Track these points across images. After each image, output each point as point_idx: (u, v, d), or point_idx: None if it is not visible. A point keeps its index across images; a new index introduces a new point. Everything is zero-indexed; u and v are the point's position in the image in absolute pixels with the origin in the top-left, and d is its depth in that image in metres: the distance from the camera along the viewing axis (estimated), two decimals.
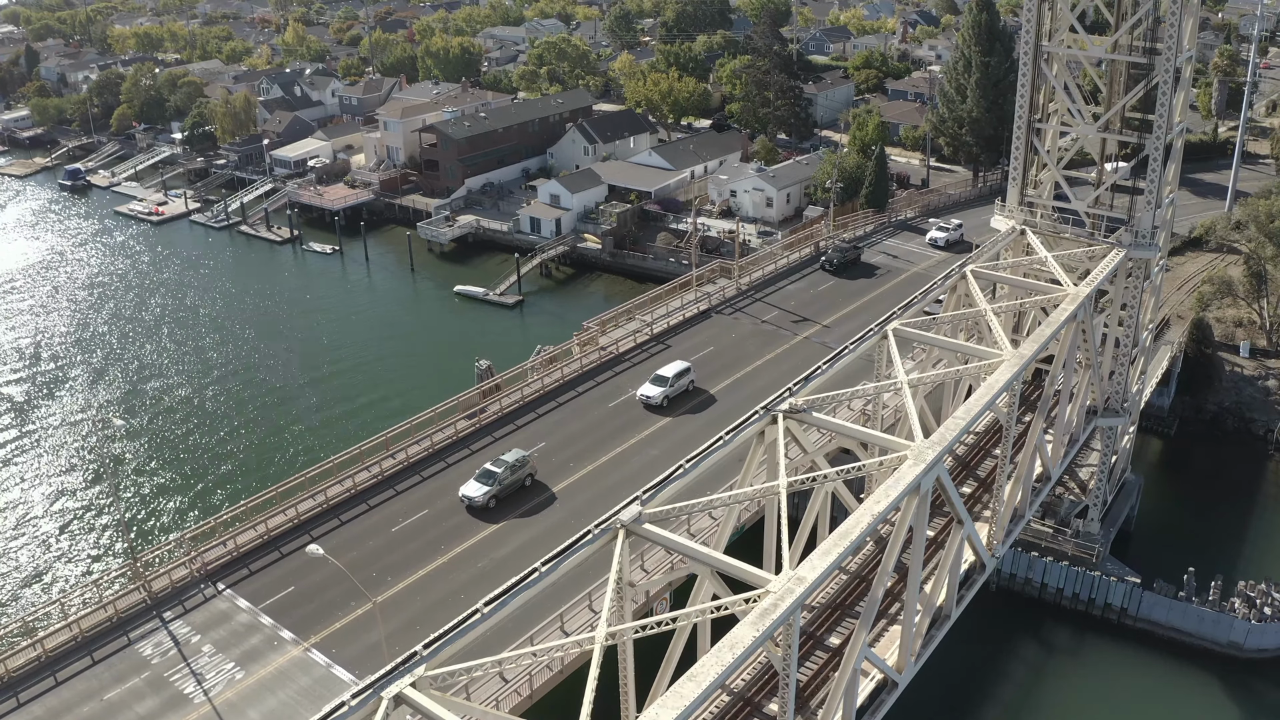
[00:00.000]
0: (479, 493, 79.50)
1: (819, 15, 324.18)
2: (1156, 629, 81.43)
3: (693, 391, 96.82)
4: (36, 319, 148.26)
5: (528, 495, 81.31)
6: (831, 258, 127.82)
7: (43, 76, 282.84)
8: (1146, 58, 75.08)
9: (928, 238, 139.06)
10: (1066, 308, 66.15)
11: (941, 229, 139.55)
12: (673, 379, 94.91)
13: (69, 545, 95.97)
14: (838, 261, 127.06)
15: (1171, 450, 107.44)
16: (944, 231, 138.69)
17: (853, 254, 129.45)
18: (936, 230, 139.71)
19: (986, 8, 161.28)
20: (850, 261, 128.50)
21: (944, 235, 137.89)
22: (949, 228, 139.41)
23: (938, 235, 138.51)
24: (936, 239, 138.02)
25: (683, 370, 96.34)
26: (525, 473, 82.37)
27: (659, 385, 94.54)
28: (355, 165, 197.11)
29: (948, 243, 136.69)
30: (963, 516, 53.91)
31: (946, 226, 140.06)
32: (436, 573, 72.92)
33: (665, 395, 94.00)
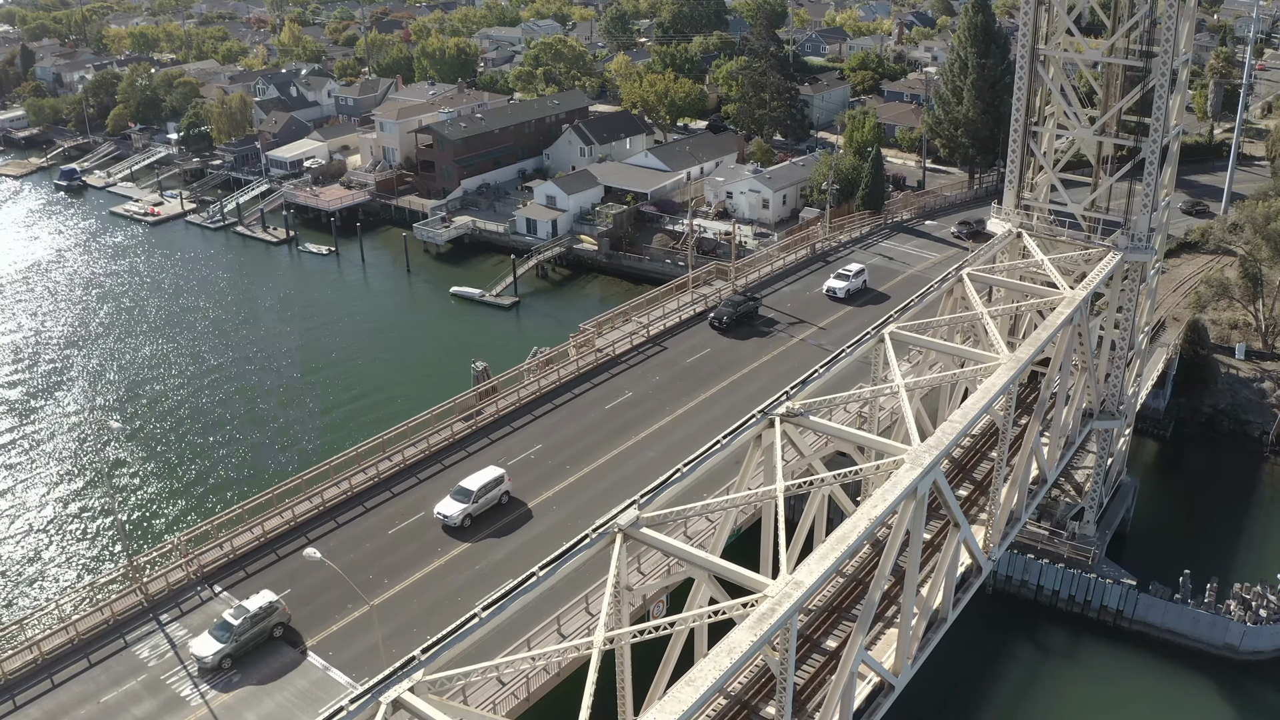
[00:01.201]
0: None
1: (815, 16, 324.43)
2: (1152, 631, 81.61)
3: (690, 391, 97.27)
4: (32, 320, 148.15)
5: (525, 497, 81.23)
6: (722, 313, 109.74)
7: (38, 76, 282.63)
8: (1143, 61, 75.21)
9: (825, 288, 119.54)
10: (1063, 311, 66.27)
11: (841, 277, 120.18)
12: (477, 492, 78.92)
13: (65, 547, 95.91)
14: (728, 319, 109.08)
15: (1167, 452, 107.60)
16: (844, 280, 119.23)
17: (747, 307, 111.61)
18: (835, 279, 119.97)
19: (982, 9, 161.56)
20: (746, 315, 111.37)
21: (843, 285, 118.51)
22: (849, 275, 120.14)
23: (836, 285, 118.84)
24: (835, 290, 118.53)
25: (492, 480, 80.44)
26: None
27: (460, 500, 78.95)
28: (351, 166, 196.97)
29: (848, 293, 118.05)
30: (959, 520, 54.01)
31: (846, 274, 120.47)
32: (434, 575, 72.89)
33: (467, 513, 77.78)
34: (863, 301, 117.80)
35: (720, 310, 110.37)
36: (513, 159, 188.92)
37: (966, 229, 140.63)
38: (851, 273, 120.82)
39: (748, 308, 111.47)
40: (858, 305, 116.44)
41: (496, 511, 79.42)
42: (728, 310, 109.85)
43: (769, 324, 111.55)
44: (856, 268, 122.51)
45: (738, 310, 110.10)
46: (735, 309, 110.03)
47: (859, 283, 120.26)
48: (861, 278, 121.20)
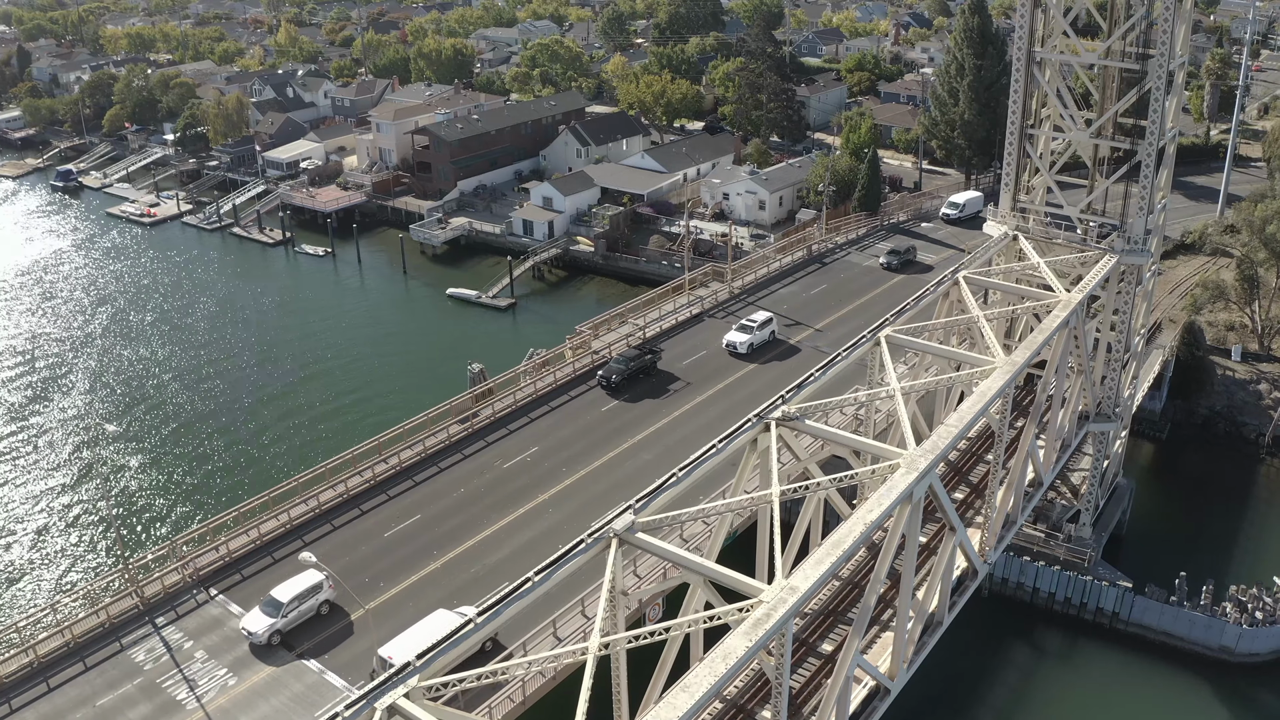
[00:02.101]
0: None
1: (812, 17, 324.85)
2: (1148, 633, 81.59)
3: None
4: (28, 321, 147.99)
5: (521, 500, 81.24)
6: (612, 370, 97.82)
7: (34, 77, 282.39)
8: (1139, 63, 75.21)
9: (724, 342, 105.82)
10: (1059, 314, 66.28)
11: (743, 329, 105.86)
12: None
13: (61, 550, 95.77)
14: (617, 377, 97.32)
15: (1163, 454, 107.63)
16: (745, 333, 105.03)
17: (640, 364, 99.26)
18: (735, 332, 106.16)
19: (978, 11, 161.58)
20: (642, 370, 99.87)
21: (744, 339, 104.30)
22: (752, 326, 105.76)
23: (736, 339, 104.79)
24: (734, 344, 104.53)
25: None
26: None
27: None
28: (348, 167, 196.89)
29: (750, 348, 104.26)
30: (955, 524, 54.01)
31: (750, 325, 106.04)
32: (429, 578, 72.82)
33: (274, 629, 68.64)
34: (768, 357, 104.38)
35: (610, 368, 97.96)
36: (509, 160, 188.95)
37: (896, 259, 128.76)
38: (756, 324, 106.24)
39: (642, 363, 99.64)
40: (761, 362, 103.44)
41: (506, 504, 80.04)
42: (618, 367, 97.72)
43: (669, 380, 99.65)
44: (763, 317, 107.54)
45: (630, 366, 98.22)
46: (628, 365, 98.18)
47: (765, 335, 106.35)
48: (768, 329, 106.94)
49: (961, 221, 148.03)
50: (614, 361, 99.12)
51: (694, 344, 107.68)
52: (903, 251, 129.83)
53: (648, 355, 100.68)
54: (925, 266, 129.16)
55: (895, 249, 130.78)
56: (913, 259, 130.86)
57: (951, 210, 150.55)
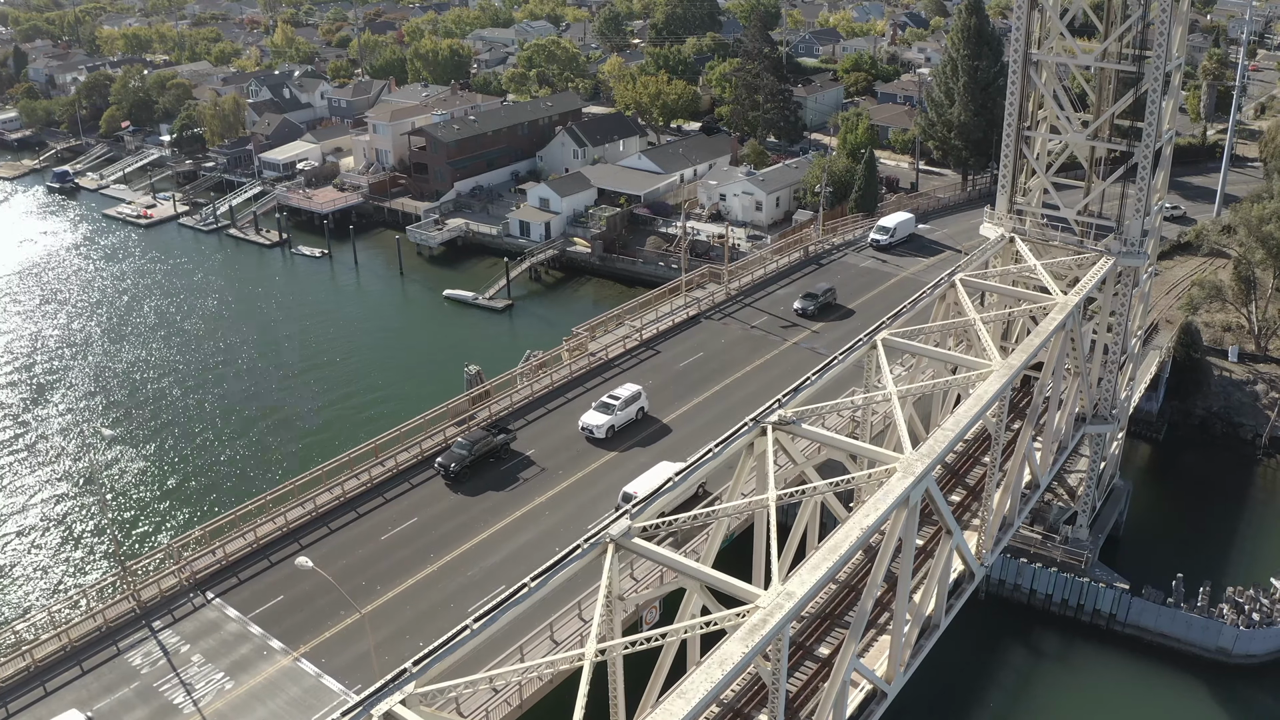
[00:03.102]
0: None
1: (808, 17, 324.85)
2: (1145, 635, 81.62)
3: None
4: (24, 323, 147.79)
5: (650, 422, 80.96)
6: (450, 459, 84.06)
7: (31, 78, 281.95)
8: (1136, 65, 75.19)
9: (580, 424, 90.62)
10: (1055, 317, 66.26)
11: (604, 408, 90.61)
12: None
13: (57, 553, 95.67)
14: (457, 466, 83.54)
15: (1160, 455, 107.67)
16: (605, 414, 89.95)
17: (485, 447, 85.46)
18: (594, 412, 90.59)
19: (975, 11, 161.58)
20: (491, 454, 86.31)
21: (604, 422, 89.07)
22: (614, 405, 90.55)
23: (593, 423, 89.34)
24: (591, 428, 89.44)
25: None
26: None
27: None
28: (344, 168, 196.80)
29: (611, 431, 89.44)
30: (951, 527, 53.99)
31: (612, 403, 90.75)
32: (426, 581, 72.84)
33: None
34: (629, 444, 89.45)
35: (451, 454, 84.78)
36: (506, 161, 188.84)
37: (811, 304, 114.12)
38: (619, 401, 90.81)
39: (486, 446, 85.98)
40: (621, 449, 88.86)
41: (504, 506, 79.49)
42: (460, 453, 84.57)
43: (523, 466, 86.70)
44: (628, 392, 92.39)
45: (473, 451, 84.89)
46: (470, 450, 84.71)
47: (630, 414, 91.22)
48: (635, 406, 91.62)
49: (892, 248, 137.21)
50: (455, 446, 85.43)
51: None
52: (819, 294, 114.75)
53: (498, 436, 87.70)
54: (845, 311, 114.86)
55: (811, 292, 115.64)
56: (832, 301, 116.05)
57: (881, 235, 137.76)
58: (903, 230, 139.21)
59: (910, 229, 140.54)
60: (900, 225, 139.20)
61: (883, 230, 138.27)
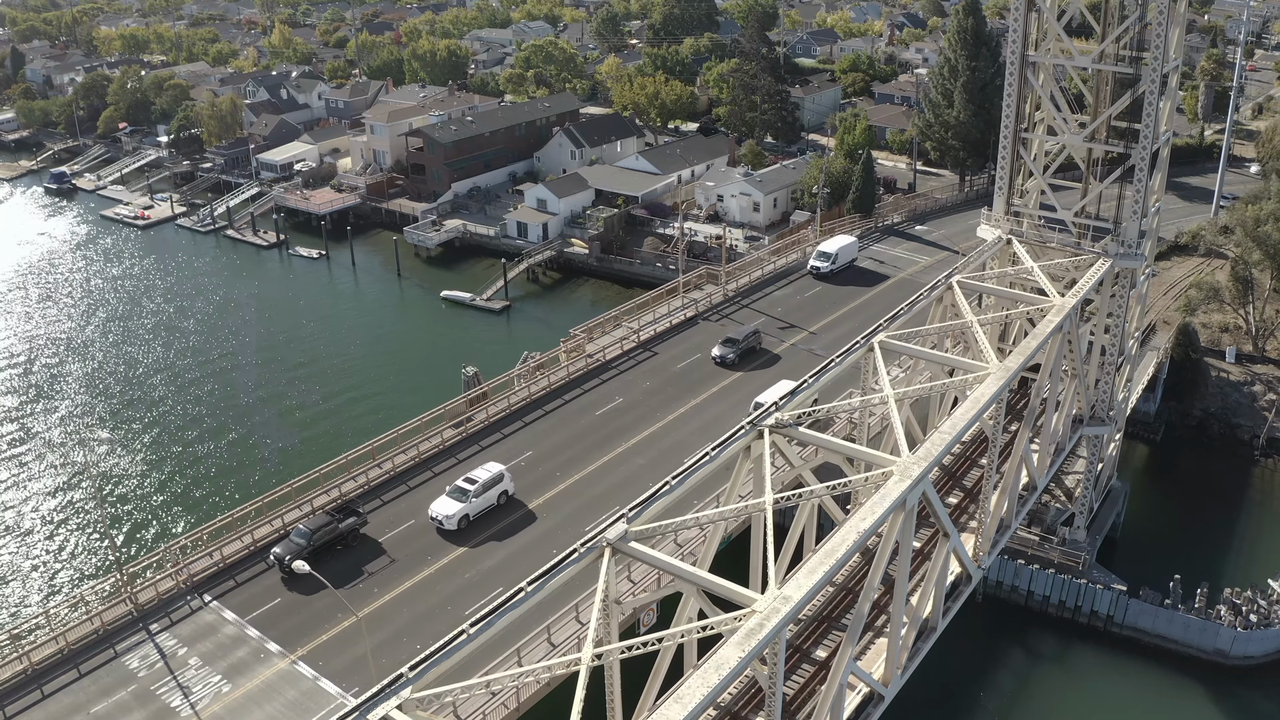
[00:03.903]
0: None
1: (806, 18, 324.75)
2: (1143, 636, 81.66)
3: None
4: (22, 325, 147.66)
5: (515, 506, 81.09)
6: (288, 550, 73.26)
7: (28, 78, 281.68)
8: (1133, 66, 75.23)
9: (430, 512, 78.60)
10: (1053, 319, 66.26)
11: (459, 493, 78.35)
12: None
13: (55, 556, 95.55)
14: (290, 561, 72.13)
15: (1158, 456, 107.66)
16: (459, 501, 77.90)
17: (328, 535, 74.36)
18: (446, 499, 78.54)
19: (972, 12, 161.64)
20: (336, 542, 75.26)
21: (456, 511, 77.31)
22: (468, 491, 78.10)
23: (442, 512, 77.64)
24: (441, 519, 77.57)
25: None
26: None
27: None
28: (342, 169, 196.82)
29: (464, 522, 77.68)
30: (948, 529, 54.00)
31: (467, 489, 78.26)
32: (423, 584, 72.75)
33: None
34: (481, 537, 77.56)
35: (287, 544, 74.10)
36: (503, 162, 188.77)
37: (733, 350, 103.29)
38: (475, 485, 78.80)
39: (328, 534, 75.10)
40: (472, 545, 76.79)
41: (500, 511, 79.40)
42: (297, 543, 73.61)
43: (371, 556, 75.42)
44: (487, 475, 79.86)
45: (312, 541, 73.75)
46: (309, 540, 73.63)
47: (489, 500, 79.53)
48: (496, 491, 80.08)
49: (834, 276, 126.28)
50: (294, 533, 74.74)
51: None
52: (741, 340, 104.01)
53: (345, 521, 76.58)
54: (771, 357, 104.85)
55: (732, 337, 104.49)
56: (756, 346, 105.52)
57: (821, 262, 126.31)
58: (844, 256, 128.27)
59: (853, 254, 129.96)
60: (843, 251, 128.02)
61: (823, 256, 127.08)
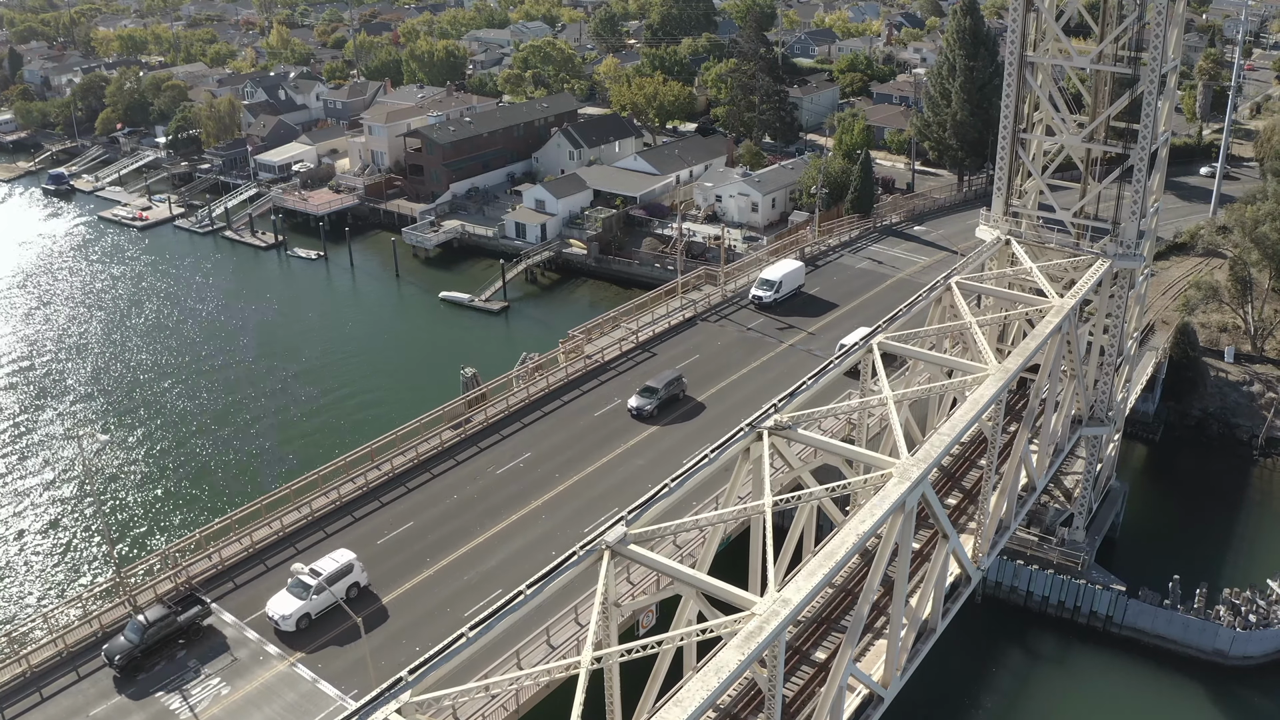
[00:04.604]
0: None
1: (804, 18, 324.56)
2: (1142, 637, 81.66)
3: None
4: (20, 326, 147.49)
5: (514, 506, 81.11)
6: (115, 651, 65.26)
7: (26, 79, 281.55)
8: (1131, 67, 75.22)
9: (268, 610, 69.03)
10: (1052, 320, 66.23)
11: (299, 588, 68.82)
12: None
13: (54, 559, 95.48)
14: (122, 661, 64.96)
15: (1157, 456, 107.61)
16: (299, 598, 68.39)
17: (164, 629, 66.23)
18: (285, 595, 69.11)
19: (970, 12, 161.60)
20: (171, 637, 66.84)
21: (294, 610, 67.78)
22: (309, 586, 68.42)
23: (278, 612, 68.12)
24: (277, 619, 68.07)
25: None
26: None
27: None
28: (340, 170, 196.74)
29: (304, 622, 68.13)
30: (948, 531, 53.99)
31: (308, 582, 68.55)
32: (422, 585, 72.73)
33: None
34: (317, 643, 67.97)
35: (116, 643, 66.00)
36: (501, 163, 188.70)
37: (651, 400, 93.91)
38: (316, 579, 68.73)
39: (165, 628, 66.67)
40: (308, 651, 67.24)
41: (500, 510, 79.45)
42: (129, 640, 65.58)
43: (216, 652, 67.51)
44: (335, 565, 70.32)
45: (145, 638, 65.55)
46: (141, 637, 65.44)
47: (334, 595, 67.88)
48: (347, 582, 70.38)
49: (778, 306, 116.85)
50: (128, 629, 66.45)
51: None
52: (660, 389, 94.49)
53: (186, 613, 68.29)
54: (694, 406, 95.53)
55: (650, 385, 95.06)
56: (678, 395, 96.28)
57: (764, 291, 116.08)
58: (790, 283, 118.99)
59: (799, 281, 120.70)
60: (787, 278, 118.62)
61: (766, 285, 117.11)
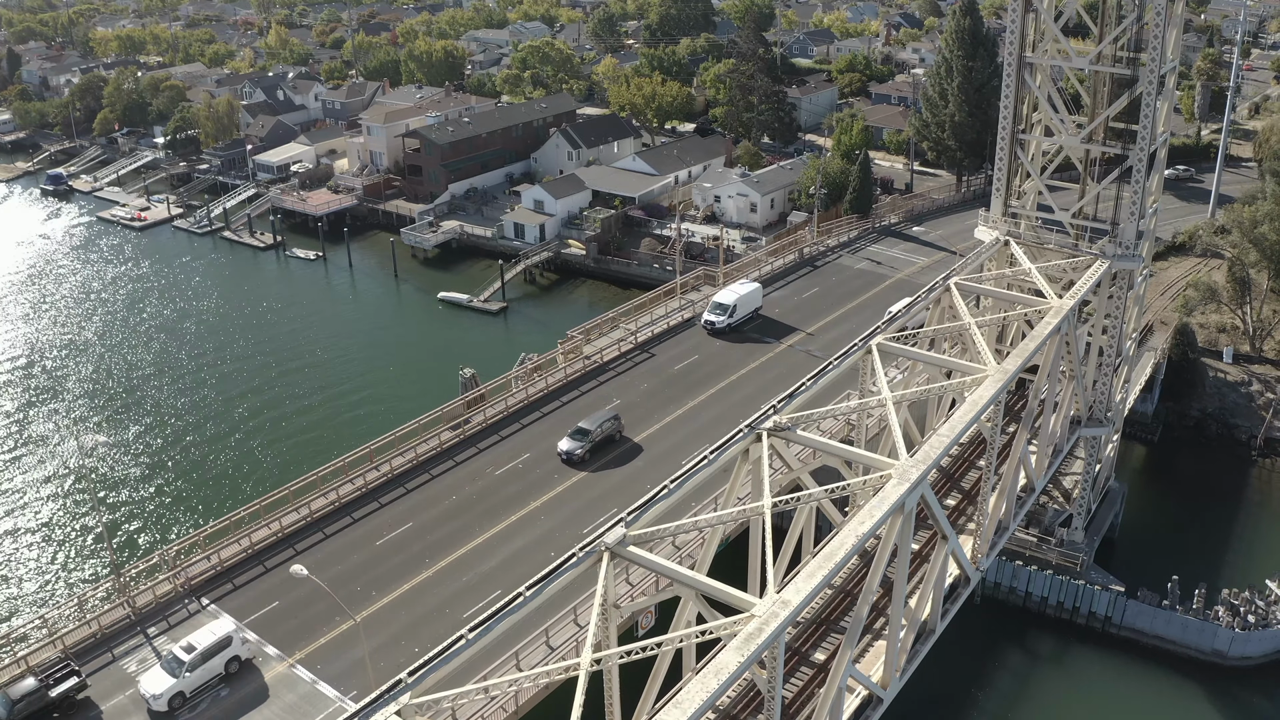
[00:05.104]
0: None
1: (803, 18, 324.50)
2: (1141, 637, 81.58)
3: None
4: (17, 327, 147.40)
5: (513, 507, 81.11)
6: None
7: (24, 80, 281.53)
8: (1130, 68, 75.24)
9: (140, 688, 63.76)
10: (1050, 321, 66.25)
11: (171, 663, 64.20)
12: None
13: (52, 560, 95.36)
14: None
15: (1155, 456, 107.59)
16: (169, 675, 63.47)
17: (35, 705, 61.86)
18: (158, 670, 64.31)
19: (969, 12, 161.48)
20: (44, 710, 62.30)
21: (162, 691, 62.66)
22: (179, 666, 63.45)
23: (151, 691, 62.94)
24: (149, 699, 63.03)
25: None
26: None
27: None
28: (338, 170, 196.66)
29: (176, 703, 63.05)
30: (947, 532, 53.99)
31: (179, 660, 63.74)
32: (422, 586, 72.78)
33: None
34: None
35: None
36: (500, 163, 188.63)
37: (582, 443, 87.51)
38: (190, 656, 63.77)
39: (36, 703, 62.21)
40: None
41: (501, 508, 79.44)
42: None
43: None
44: (207, 642, 64.48)
45: (14, 714, 61.57)
46: (10, 713, 61.51)
47: (209, 672, 64.28)
48: (224, 658, 65.01)
49: (731, 331, 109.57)
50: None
51: None
52: (593, 429, 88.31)
53: (58, 688, 63.17)
54: (629, 448, 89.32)
55: (582, 427, 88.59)
56: (615, 434, 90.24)
57: (717, 316, 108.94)
58: (745, 306, 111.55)
59: (756, 303, 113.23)
60: (743, 300, 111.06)
61: (719, 309, 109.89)
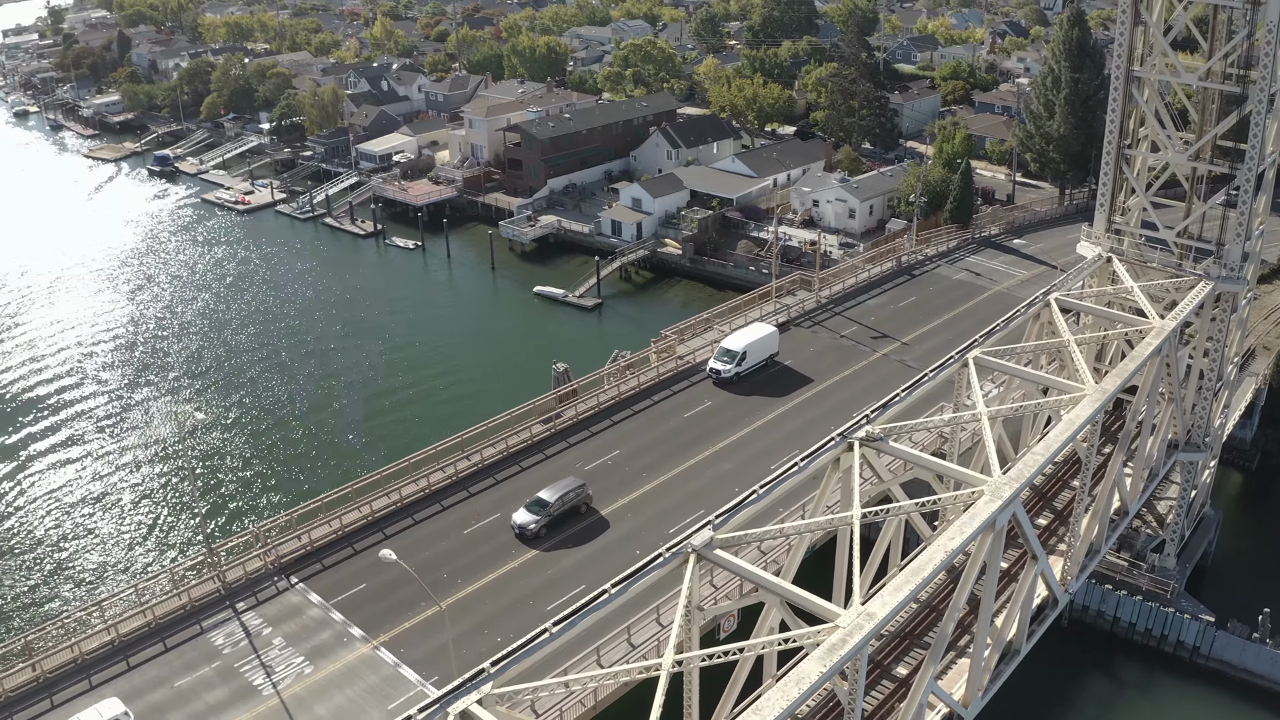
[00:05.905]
0: None
1: (906, 24, 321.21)
2: (1229, 670, 79.78)
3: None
4: (126, 304, 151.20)
5: (600, 504, 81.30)
6: None
7: (134, 63, 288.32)
8: (1240, 85, 73.57)
9: None
10: (1151, 342, 65.13)
11: None
12: None
13: (148, 532, 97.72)
14: None
15: (1253, 484, 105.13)
16: None
17: None
18: None
19: (1077, 23, 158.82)
20: None
21: None
22: None
23: None
24: None
25: None
26: None
27: None
28: (440, 162, 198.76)
29: None
30: (1037, 552, 53.32)
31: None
32: (506, 577, 73.29)
33: None
34: None
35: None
36: (599, 160, 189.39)
37: (538, 516, 76.80)
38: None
39: None
40: None
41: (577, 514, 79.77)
42: None
43: None
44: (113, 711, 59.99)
45: None
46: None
47: None
48: None
49: (739, 382, 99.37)
50: None
51: None
52: (551, 502, 77.93)
53: None
54: (600, 523, 79.47)
55: (540, 499, 78.28)
56: (579, 508, 79.79)
57: (723, 364, 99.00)
58: (757, 353, 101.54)
59: (770, 350, 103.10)
60: (753, 347, 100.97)
61: (726, 356, 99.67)
